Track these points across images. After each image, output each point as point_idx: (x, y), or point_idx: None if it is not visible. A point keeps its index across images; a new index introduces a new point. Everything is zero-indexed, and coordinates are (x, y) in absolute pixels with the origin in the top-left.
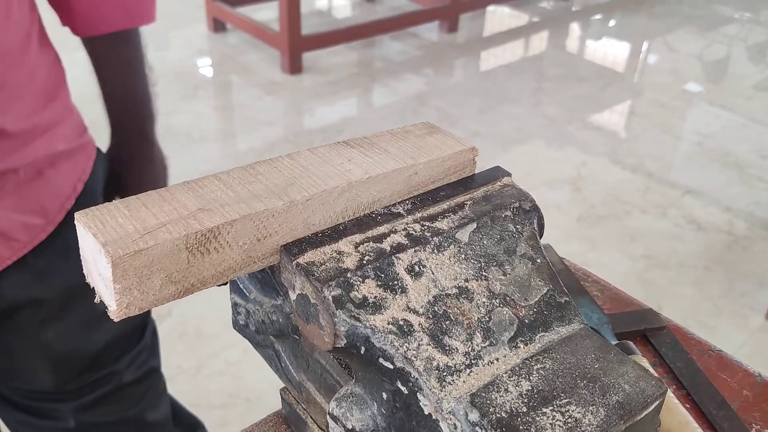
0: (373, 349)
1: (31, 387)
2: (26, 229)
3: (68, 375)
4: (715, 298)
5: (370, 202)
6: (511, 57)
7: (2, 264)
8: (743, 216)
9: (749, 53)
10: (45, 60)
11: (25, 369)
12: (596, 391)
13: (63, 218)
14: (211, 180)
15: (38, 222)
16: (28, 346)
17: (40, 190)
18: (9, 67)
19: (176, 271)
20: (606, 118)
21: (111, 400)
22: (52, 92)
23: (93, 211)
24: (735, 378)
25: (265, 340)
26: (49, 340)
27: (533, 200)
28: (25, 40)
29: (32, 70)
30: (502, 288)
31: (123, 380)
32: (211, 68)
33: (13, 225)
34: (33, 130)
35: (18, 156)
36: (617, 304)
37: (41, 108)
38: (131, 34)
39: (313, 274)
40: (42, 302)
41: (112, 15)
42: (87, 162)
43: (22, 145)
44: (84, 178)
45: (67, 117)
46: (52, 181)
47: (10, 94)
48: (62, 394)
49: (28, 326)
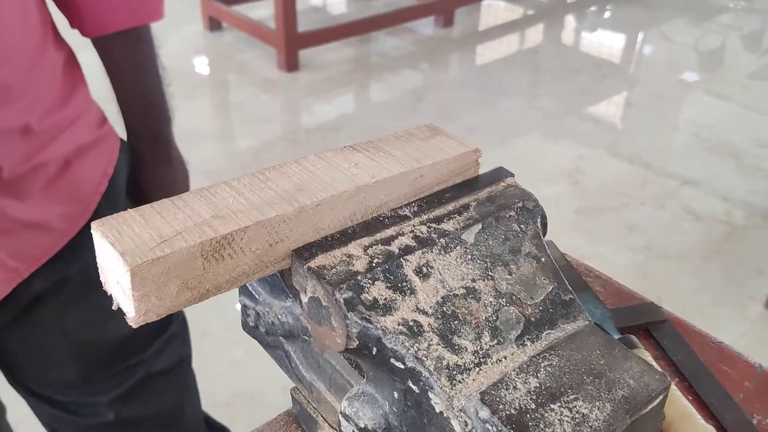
0: (384, 350)
1: (60, 380)
2: (65, 218)
3: (94, 365)
4: (714, 288)
5: (378, 206)
6: (506, 50)
7: (47, 254)
8: (741, 205)
9: (744, 42)
10: (61, 56)
11: (52, 362)
12: (602, 387)
13: (98, 203)
14: (223, 187)
15: (75, 210)
16: (52, 338)
17: (71, 181)
18: (32, 66)
19: (192, 277)
20: (602, 110)
21: (145, 390)
22: (72, 87)
23: (109, 221)
24: (736, 369)
25: (275, 341)
26: (70, 328)
27: (536, 200)
28: (43, 39)
29: (52, 68)
30: (508, 287)
31: (152, 369)
32: (207, 67)
33: (51, 216)
34: (57, 126)
35: (46, 151)
36: (619, 298)
37: (63, 103)
38: (141, 33)
39: (324, 277)
40: (62, 285)
41: (118, 14)
42: (113, 149)
43: (48, 141)
44: (112, 163)
45: (88, 109)
46: (82, 171)
47: (35, 93)
48: (93, 385)
49: (49, 316)
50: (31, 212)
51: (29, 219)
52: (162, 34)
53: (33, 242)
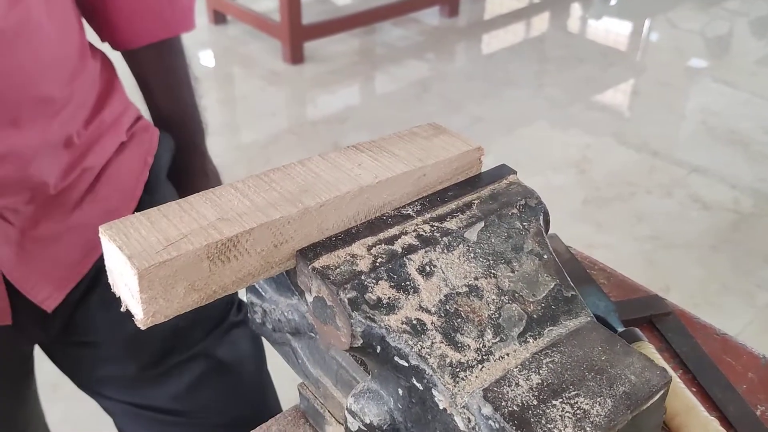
0: (388, 348)
1: (118, 376)
2: (108, 215)
3: (149, 357)
4: (722, 276)
5: (381, 205)
6: (512, 39)
7: (93, 257)
8: (749, 193)
9: (752, 28)
10: (98, 63)
11: (106, 357)
12: (603, 383)
13: (141, 192)
14: (228, 189)
15: (118, 205)
16: (100, 332)
17: (113, 178)
18: (73, 78)
19: (198, 279)
20: (609, 98)
21: (212, 382)
22: (109, 90)
23: (117, 224)
24: (740, 361)
25: (281, 337)
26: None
27: (539, 197)
28: (82, 51)
29: (92, 77)
30: (510, 285)
31: (218, 358)
32: (212, 60)
33: (94, 215)
34: (96, 132)
35: (88, 159)
36: (623, 291)
37: (101, 108)
38: (172, 44)
39: (328, 277)
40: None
41: (151, 26)
42: (151, 138)
43: (89, 149)
44: (152, 152)
45: (126, 110)
46: (123, 165)
47: (76, 103)
48: (149, 380)
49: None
50: (73, 217)
51: (73, 224)
52: None
53: (78, 245)
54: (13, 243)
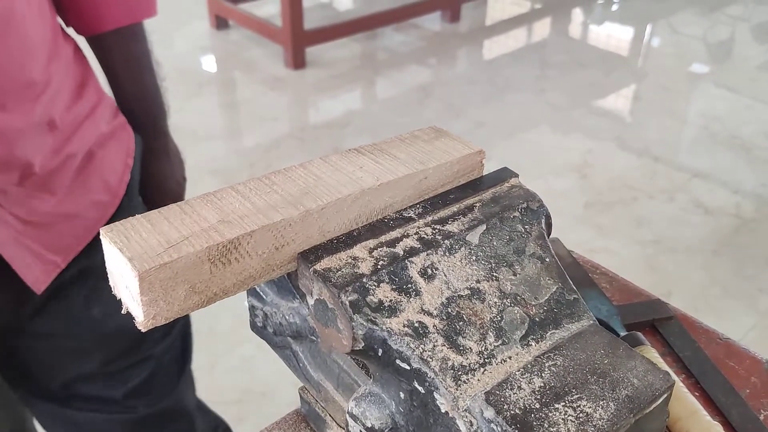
0: (390, 351)
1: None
2: (95, 207)
3: (115, 355)
4: (724, 281)
5: (383, 208)
6: (514, 45)
7: (82, 243)
8: (750, 198)
9: (753, 33)
10: (70, 49)
11: (73, 350)
12: (606, 386)
13: (125, 191)
14: (229, 192)
15: (105, 198)
16: (77, 326)
17: (98, 170)
18: (50, 60)
19: (199, 281)
20: (611, 103)
21: (156, 383)
22: (83, 79)
23: (117, 227)
24: (743, 365)
25: (283, 341)
26: (97, 318)
27: (540, 200)
28: (55, 34)
29: (66, 60)
30: (512, 288)
31: (162, 361)
32: (214, 65)
33: (83, 205)
34: (77, 117)
35: (71, 144)
36: (626, 295)
37: (78, 96)
38: (135, 30)
39: (330, 280)
40: (85, 275)
41: (114, 12)
42: (129, 138)
43: (72, 133)
44: (131, 153)
45: (102, 99)
46: (106, 159)
47: (55, 86)
48: (110, 377)
49: (74, 306)
50: (63, 204)
51: (63, 211)
52: (169, 33)
53: (68, 233)
54: (5, 223)
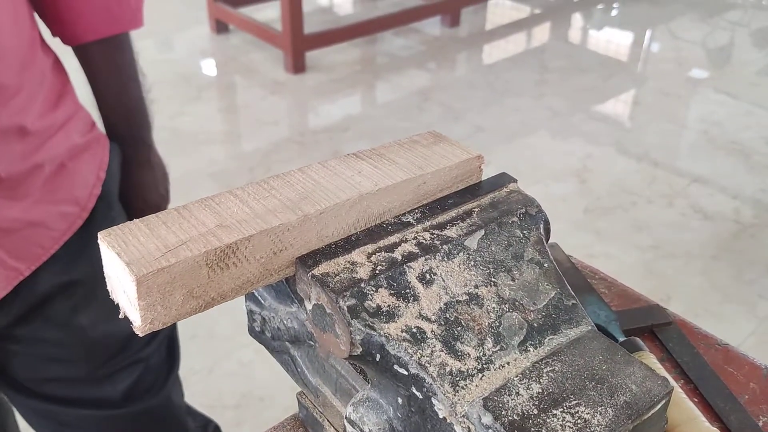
0: (388, 357)
1: (66, 376)
2: (63, 218)
3: (101, 361)
4: (723, 286)
5: (381, 213)
6: (513, 50)
7: (46, 254)
8: (750, 203)
9: (753, 39)
10: (49, 61)
11: (60, 356)
12: (604, 392)
13: (94, 205)
14: (227, 196)
15: (73, 210)
16: (63, 334)
17: (67, 182)
18: (24, 68)
19: (197, 286)
20: (610, 108)
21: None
22: (61, 90)
23: (116, 231)
24: (742, 371)
25: (281, 346)
26: (84, 326)
27: (539, 205)
28: (31, 41)
29: (42, 71)
30: (511, 293)
31: (150, 364)
32: (214, 69)
33: (50, 215)
34: (50, 127)
35: (41, 152)
36: (624, 300)
37: (54, 106)
38: (120, 40)
39: (328, 284)
40: (71, 288)
41: (99, 22)
42: (104, 151)
43: (43, 142)
44: (104, 167)
45: (78, 112)
46: (77, 172)
47: (27, 94)
48: (98, 381)
49: (62, 314)
50: (29, 212)
51: (28, 218)
52: (169, 36)
53: (32, 241)
54: None
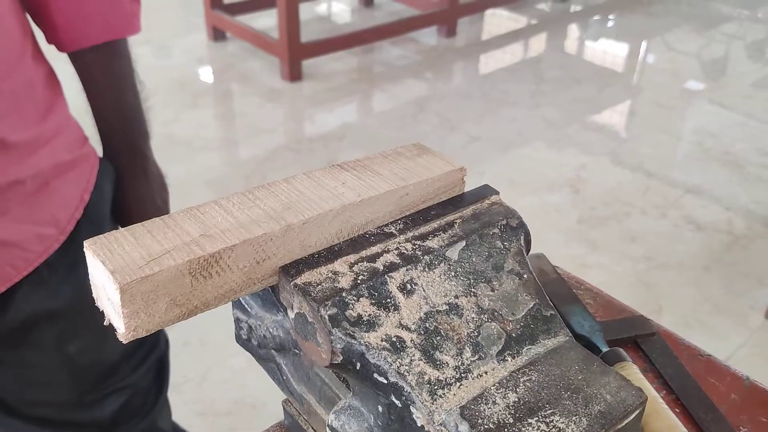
0: (368, 365)
1: (53, 400)
2: (39, 240)
3: (89, 386)
4: (714, 298)
5: (364, 223)
6: (509, 60)
7: (18, 275)
8: (743, 215)
9: (748, 51)
10: (41, 72)
11: (46, 382)
12: (579, 402)
13: (74, 228)
14: (212, 206)
15: (51, 232)
16: (50, 361)
17: (48, 201)
18: (6, 75)
19: (180, 294)
20: (605, 119)
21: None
22: (51, 103)
23: (101, 239)
24: (723, 382)
25: (267, 354)
26: (71, 354)
27: (520, 217)
28: (19, 51)
29: (30, 81)
30: (490, 303)
31: (139, 388)
32: (211, 77)
33: (26, 236)
34: (35, 141)
35: (23, 167)
36: (610, 311)
37: (41, 119)
38: (117, 47)
39: (310, 294)
40: (57, 314)
41: (94, 28)
42: (91, 171)
43: (26, 156)
44: (89, 188)
45: (67, 127)
46: (60, 191)
47: (9, 103)
48: (86, 405)
49: (48, 341)
50: (4, 230)
51: (2, 237)
52: (166, 44)
53: (5, 261)
54: None
